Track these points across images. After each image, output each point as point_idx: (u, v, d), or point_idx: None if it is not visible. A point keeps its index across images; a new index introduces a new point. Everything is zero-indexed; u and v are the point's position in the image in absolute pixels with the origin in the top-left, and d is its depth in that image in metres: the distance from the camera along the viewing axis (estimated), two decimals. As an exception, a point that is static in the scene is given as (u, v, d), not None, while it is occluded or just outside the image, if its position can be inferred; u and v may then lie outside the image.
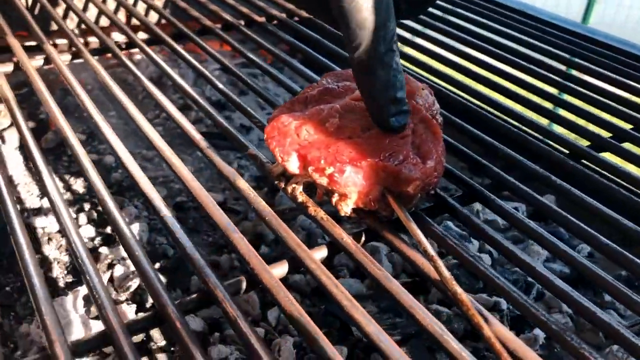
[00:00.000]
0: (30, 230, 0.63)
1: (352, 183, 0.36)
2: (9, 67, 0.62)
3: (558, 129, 0.58)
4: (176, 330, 0.30)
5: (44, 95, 0.54)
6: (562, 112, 0.62)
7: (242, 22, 0.76)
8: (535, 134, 0.57)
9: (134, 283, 0.55)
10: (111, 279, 0.56)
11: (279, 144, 0.39)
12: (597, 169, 0.52)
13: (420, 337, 0.55)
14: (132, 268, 0.57)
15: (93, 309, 0.53)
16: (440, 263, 0.33)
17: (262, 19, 0.76)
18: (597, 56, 0.70)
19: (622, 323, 0.58)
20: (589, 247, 0.67)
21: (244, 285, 0.34)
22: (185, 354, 0.29)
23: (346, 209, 0.38)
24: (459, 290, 0.32)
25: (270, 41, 0.71)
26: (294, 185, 0.40)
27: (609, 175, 0.52)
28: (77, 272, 0.58)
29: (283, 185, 0.40)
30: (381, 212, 0.38)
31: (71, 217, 0.40)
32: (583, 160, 0.51)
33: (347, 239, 0.36)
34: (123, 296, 0.55)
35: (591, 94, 0.62)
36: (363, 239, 0.38)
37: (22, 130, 0.49)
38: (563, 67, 0.70)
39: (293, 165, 0.38)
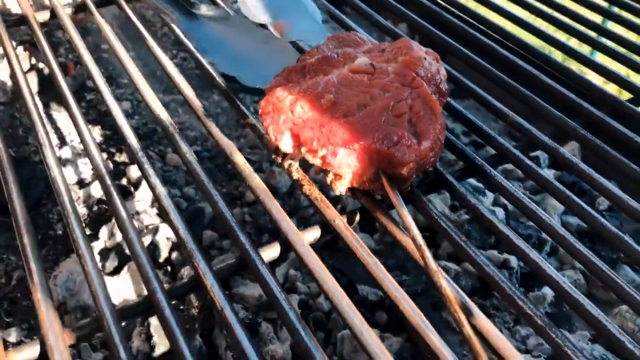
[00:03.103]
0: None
1: (345, 164, 0.36)
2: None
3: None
4: (163, 319, 0.31)
5: (42, 43, 0.53)
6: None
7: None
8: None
9: (146, 240, 0.56)
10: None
11: (272, 121, 0.38)
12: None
13: (427, 295, 0.55)
14: (144, 224, 0.59)
15: (108, 263, 0.55)
16: (427, 254, 0.32)
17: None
18: None
19: (635, 281, 0.58)
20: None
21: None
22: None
23: (341, 188, 0.37)
24: (444, 284, 0.31)
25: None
26: (290, 162, 0.39)
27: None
28: (93, 225, 0.60)
29: (280, 160, 0.40)
30: (376, 192, 0.38)
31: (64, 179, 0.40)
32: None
33: (339, 222, 0.36)
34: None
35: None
36: (357, 218, 0.38)
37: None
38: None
39: (286, 144, 0.37)
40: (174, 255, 0.56)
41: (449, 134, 0.43)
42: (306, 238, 0.36)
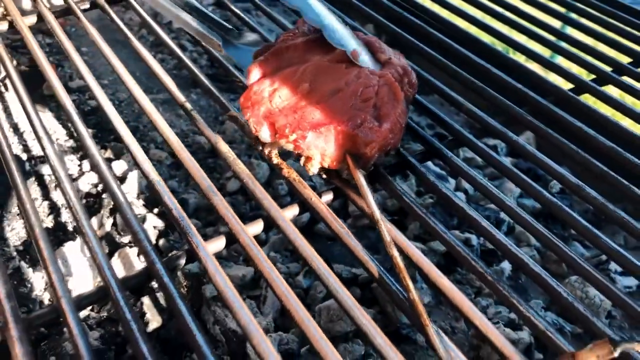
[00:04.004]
0: (38, 177, 0.68)
1: (313, 146, 0.40)
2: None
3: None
4: (162, 287, 0.35)
5: (32, 45, 0.57)
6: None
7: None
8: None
9: (135, 228, 0.60)
10: (114, 224, 0.62)
11: (252, 114, 0.42)
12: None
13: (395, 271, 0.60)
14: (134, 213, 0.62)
15: (99, 251, 0.59)
16: (382, 228, 0.37)
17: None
18: None
19: (585, 254, 0.63)
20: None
21: (223, 243, 0.39)
22: (172, 309, 0.34)
23: (313, 169, 0.42)
24: (395, 254, 0.36)
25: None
26: (269, 149, 0.44)
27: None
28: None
29: (260, 148, 0.44)
30: (343, 171, 0.42)
31: (65, 170, 0.44)
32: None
33: (315, 199, 0.41)
34: (126, 239, 0.60)
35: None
36: (331, 196, 0.43)
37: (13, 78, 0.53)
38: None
39: (265, 134, 0.42)
40: (162, 242, 0.60)
41: (414, 124, 0.49)
42: (286, 215, 0.40)
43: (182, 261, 0.38)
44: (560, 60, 0.68)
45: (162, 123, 0.47)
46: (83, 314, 0.53)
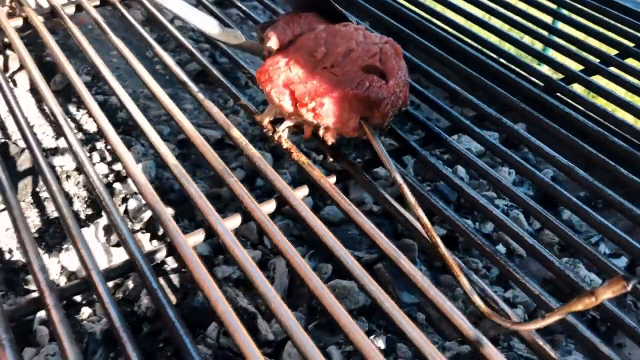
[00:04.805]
0: (50, 169, 0.70)
1: (332, 114, 0.43)
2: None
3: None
4: (185, 259, 0.38)
5: (48, 40, 0.59)
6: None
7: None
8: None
9: (147, 214, 0.63)
10: (126, 211, 0.64)
11: (273, 85, 0.44)
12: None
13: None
14: (144, 201, 0.65)
15: (113, 237, 0.62)
16: (406, 190, 0.40)
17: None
18: None
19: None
20: (552, 171, 0.74)
21: (239, 221, 0.42)
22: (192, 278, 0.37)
23: (332, 139, 0.44)
24: (421, 214, 0.39)
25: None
26: (279, 134, 0.46)
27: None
28: (95, 206, 0.66)
29: (270, 133, 0.47)
30: (361, 138, 0.45)
31: (87, 156, 0.47)
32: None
33: (323, 181, 0.43)
34: (138, 226, 0.63)
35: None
36: (338, 177, 0.45)
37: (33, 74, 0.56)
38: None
39: (287, 103, 0.44)
40: (172, 228, 0.62)
41: (414, 111, 0.52)
42: (297, 194, 0.43)
43: (201, 237, 0.40)
44: (553, 53, 0.71)
45: (177, 111, 0.50)
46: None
